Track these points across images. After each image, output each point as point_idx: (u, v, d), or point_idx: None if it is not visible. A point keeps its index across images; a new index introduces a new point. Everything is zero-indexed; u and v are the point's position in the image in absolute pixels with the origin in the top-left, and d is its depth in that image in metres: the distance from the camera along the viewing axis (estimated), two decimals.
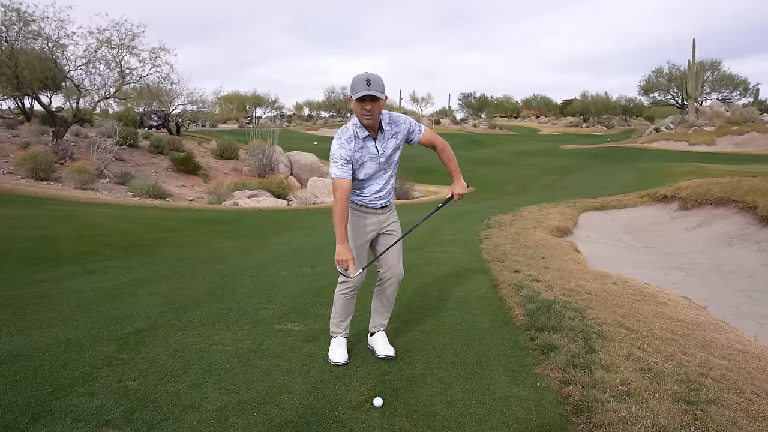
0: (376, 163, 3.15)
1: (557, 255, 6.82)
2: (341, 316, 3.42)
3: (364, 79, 2.88)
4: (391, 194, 3.39)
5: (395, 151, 3.21)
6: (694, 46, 41.99)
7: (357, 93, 2.89)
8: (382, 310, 3.49)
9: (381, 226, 3.36)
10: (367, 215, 3.32)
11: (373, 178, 3.22)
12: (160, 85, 25.97)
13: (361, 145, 3.09)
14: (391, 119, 3.17)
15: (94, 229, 9.01)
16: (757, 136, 36.28)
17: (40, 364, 3.17)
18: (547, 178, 26.06)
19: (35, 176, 16.72)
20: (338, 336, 3.44)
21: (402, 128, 3.20)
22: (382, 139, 3.13)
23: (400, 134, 3.21)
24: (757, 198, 10.03)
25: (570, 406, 2.72)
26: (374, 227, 3.33)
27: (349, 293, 3.37)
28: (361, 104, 2.92)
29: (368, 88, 2.86)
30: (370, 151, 3.12)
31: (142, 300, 4.66)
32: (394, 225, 3.43)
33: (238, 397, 2.82)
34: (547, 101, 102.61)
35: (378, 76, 2.93)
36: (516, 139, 53.48)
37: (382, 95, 2.93)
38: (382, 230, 3.39)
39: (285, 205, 17.49)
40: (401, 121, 3.22)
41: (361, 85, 2.88)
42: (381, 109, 3.03)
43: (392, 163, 3.26)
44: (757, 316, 5.59)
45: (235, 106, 65.15)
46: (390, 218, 3.41)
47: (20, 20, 19.71)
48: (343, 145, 3.05)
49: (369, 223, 3.31)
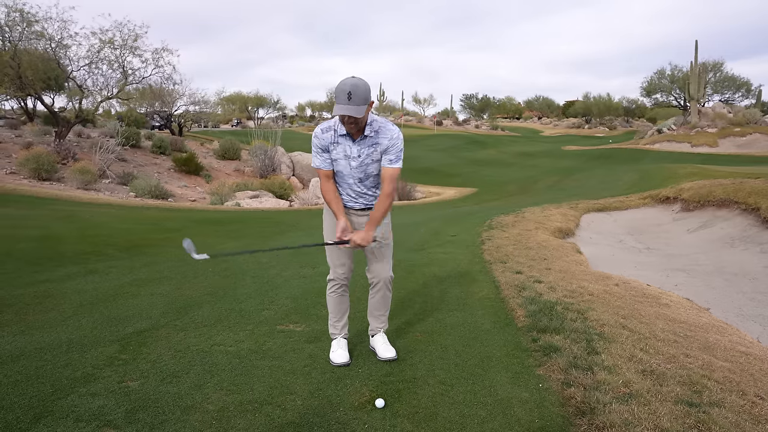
0: (348, 164, 3.08)
1: (559, 256, 6.81)
2: (335, 316, 3.41)
3: (346, 92, 2.77)
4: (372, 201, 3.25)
5: (374, 162, 3.08)
6: (696, 48, 41.93)
7: (337, 107, 2.81)
8: (376, 313, 3.47)
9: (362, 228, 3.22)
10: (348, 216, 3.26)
11: (345, 179, 3.16)
12: (162, 85, 26.02)
13: (337, 140, 3.05)
14: (380, 128, 3.05)
15: (97, 230, 9.03)
16: (759, 138, 36.21)
17: (41, 365, 3.17)
18: (549, 180, 26.03)
19: (38, 176, 16.76)
20: (337, 337, 3.43)
21: (383, 143, 3.05)
22: (361, 143, 3.04)
23: (380, 147, 3.06)
24: (760, 200, 10.00)
25: (572, 408, 2.72)
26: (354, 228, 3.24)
27: (337, 291, 3.36)
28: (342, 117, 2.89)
29: (348, 103, 2.77)
30: (345, 149, 3.07)
31: (144, 300, 4.66)
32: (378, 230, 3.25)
33: (240, 398, 2.82)
34: (550, 102, 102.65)
35: (362, 85, 2.81)
36: (518, 140, 53.47)
37: (362, 111, 2.82)
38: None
39: (287, 206, 17.51)
40: (387, 135, 3.06)
41: (342, 98, 2.78)
42: (365, 119, 2.95)
43: (370, 173, 3.13)
44: (760, 318, 5.57)
45: (237, 106, 65.18)
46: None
47: (23, 21, 19.76)
48: (317, 134, 3.08)
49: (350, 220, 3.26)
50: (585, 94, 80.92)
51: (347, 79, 2.82)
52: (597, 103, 75.86)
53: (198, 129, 48.44)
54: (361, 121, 2.93)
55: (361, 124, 2.96)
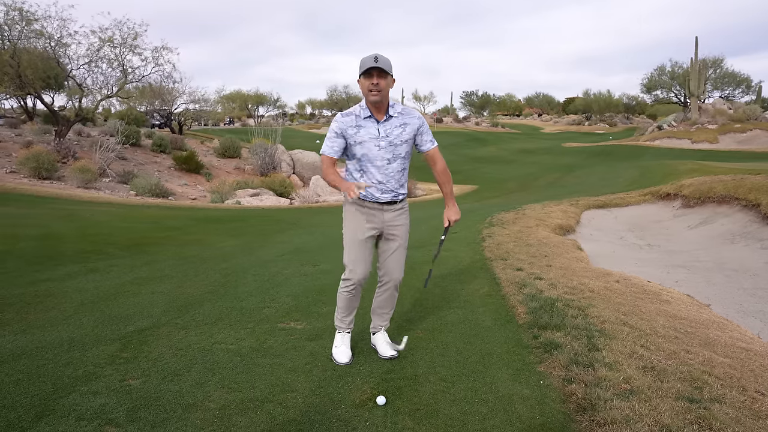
0: (376, 145, 3.04)
1: (560, 253, 6.81)
2: (345, 312, 3.35)
3: (372, 56, 2.88)
4: (401, 192, 3.20)
5: (403, 143, 3.09)
6: (696, 44, 41.85)
7: (364, 67, 2.88)
8: (380, 311, 3.42)
9: (385, 225, 3.20)
10: (368, 211, 3.17)
11: (373, 162, 3.07)
12: (162, 84, 26.01)
13: (360, 123, 3.03)
14: (404, 110, 3.12)
15: (97, 228, 9.03)
16: (760, 134, 36.19)
17: (43, 363, 3.18)
18: (550, 176, 26.02)
19: (38, 175, 16.77)
20: (343, 331, 3.39)
21: (413, 122, 3.12)
22: (386, 123, 3.05)
23: (409, 127, 3.11)
24: (760, 196, 9.99)
25: (573, 405, 2.72)
26: (376, 225, 3.19)
27: (351, 291, 3.27)
28: (368, 79, 2.90)
29: (376, 63, 2.85)
30: (369, 132, 3.04)
31: (145, 299, 4.67)
32: (399, 229, 3.26)
33: (241, 396, 2.82)
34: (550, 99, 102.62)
35: (387, 57, 2.92)
36: (518, 137, 53.43)
37: (390, 71, 2.91)
38: (387, 228, 3.23)
39: (287, 204, 17.51)
40: (415, 115, 3.15)
41: (369, 60, 2.87)
42: (389, 88, 2.98)
43: (398, 154, 3.10)
44: (761, 314, 5.57)
45: (238, 104, 65.14)
46: (397, 219, 3.23)
47: (23, 19, 19.75)
48: (338, 119, 3.05)
49: (369, 219, 3.17)
50: (585, 90, 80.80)
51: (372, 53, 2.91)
52: (597, 99, 75.77)
53: (198, 127, 48.41)
54: (385, 92, 2.95)
55: (386, 96, 2.97)
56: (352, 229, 3.19)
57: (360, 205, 3.19)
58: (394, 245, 3.24)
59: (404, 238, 3.29)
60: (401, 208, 3.26)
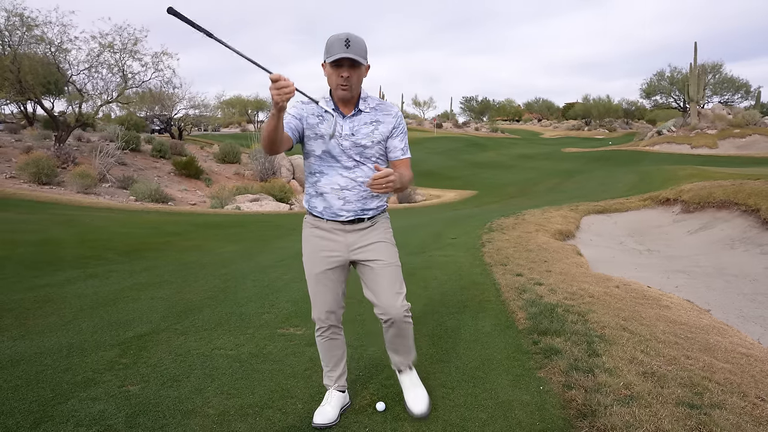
0: (339, 143, 2.42)
1: (559, 258, 6.81)
2: (327, 364, 2.74)
3: (342, 39, 2.25)
4: (369, 208, 2.52)
5: (374, 144, 2.45)
6: (695, 49, 42.00)
7: (332, 55, 2.27)
8: (394, 348, 2.70)
9: (350, 250, 2.53)
10: (324, 234, 2.53)
11: (331, 163, 2.46)
12: (162, 89, 26.04)
13: (323, 115, 2.43)
14: (378, 105, 2.50)
15: (97, 234, 9.03)
16: (759, 139, 36.28)
17: (42, 369, 3.17)
18: (549, 182, 26.04)
19: (37, 181, 16.77)
20: (330, 388, 2.76)
21: (387, 120, 2.48)
22: (354, 119, 2.43)
23: (383, 126, 2.48)
24: (760, 201, 10.01)
25: (573, 411, 2.71)
26: (337, 252, 2.53)
27: (325, 334, 2.68)
28: (337, 70, 2.31)
29: (347, 50, 2.24)
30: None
31: (145, 304, 4.66)
32: (376, 248, 2.53)
33: (240, 402, 2.81)
34: (549, 105, 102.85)
35: (360, 38, 2.31)
36: (518, 143, 53.50)
37: (363, 61, 2.32)
38: (354, 257, 2.54)
39: (287, 209, 17.51)
40: (391, 112, 2.52)
41: (339, 46, 2.25)
42: (361, 80, 2.39)
43: (368, 157, 2.46)
44: (761, 319, 5.56)
45: (237, 110, 65.22)
46: (366, 239, 2.53)
47: (23, 25, 19.81)
48: (296, 105, 2.48)
49: (327, 246, 2.53)
50: (585, 96, 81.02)
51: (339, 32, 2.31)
52: (597, 105, 75.93)
53: (198, 132, 48.45)
54: (357, 85, 2.38)
55: (356, 90, 2.40)
56: (306, 259, 2.60)
57: (314, 226, 2.57)
58: (377, 267, 2.53)
59: (388, 253, 2.56)
60: (371, 226, 2.55)
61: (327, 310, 2.62)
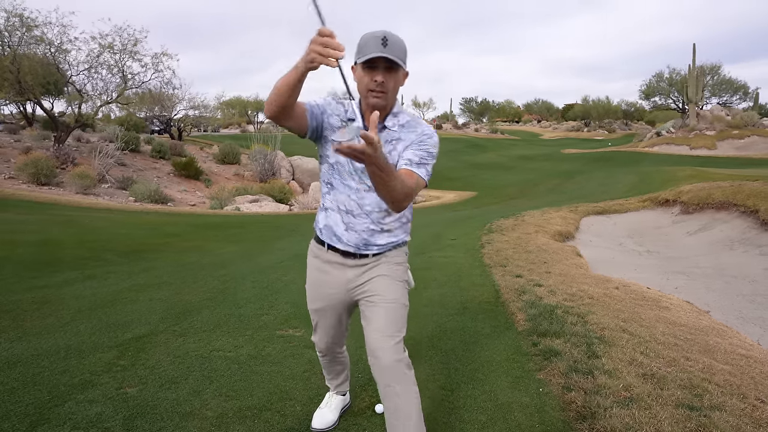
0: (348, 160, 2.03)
1: (559, 260, 6.80)
2: (328, 374, 2.63)
3: (378, 37, 1.84)
4: (377, 243, 2.12)
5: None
6: (694, 51, 42.08)
7: (365, 55, 1.85)
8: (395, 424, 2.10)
9: (348, 288, 2.18)
10: (325, 267, 2.22)
11: (344, 178, 2.07)
12: (162, 90, 26.04)
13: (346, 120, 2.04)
14: (408, 122, 2.06)
15: (95, 234, 9.01)
16: (757, 140, 36.32)
17: (39, 371, 3.16)
18: (549, 183, 26.04)
19: (36, 181, 16.75)
20: (330, 392, 2.69)
21: (408, 138, 2.02)
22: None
23: (401, 144, 2.02)
24: (759, 202, 10.01)
25: (573, 413, 2.70)
26: (336, 290, 2.21)
27: (326, 357, 2.51)
28: (371, 73, 1.89)
29: (383, 50, 1.83)
30: None
31: (143, 305, 4.65)
32: (374, 284, 2.13)
33: (239, 404, 2.80)
34: (549, 106, 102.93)
35: (400, 38, 1.89)
36: (517, 144, 53.51)
37: (402, 64, 1.90)
38: (354, 297, 2.19)
39: (287, 210, 17.50)
40: (417, 129, 2.04)
41: (374, 44, 1.84)
42: (398, 87, 1.97)
43: None
44: (760, 320, 5.56)
45: (237, 110, 65.24)
46: (366, 275, 2.14)
47: (23, 26, 19.80)
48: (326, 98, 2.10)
49: (328, 281, 2.22)
50: (584, 97, 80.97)
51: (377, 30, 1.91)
52: (596, 106, 75.92)
53: (198, 133, 48.43)
54: (393, 93, 1.96)
55: (392, 99, 1.98)
56: (307, 290, 2.36)
57: (315, 255, 2.29)
58: (372, 303, 2.12)
59: (389, 289, 2.13)
60: (376, 263, 2.15)
61: (328, 341, 2.41)
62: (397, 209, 1.88)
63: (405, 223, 2.20)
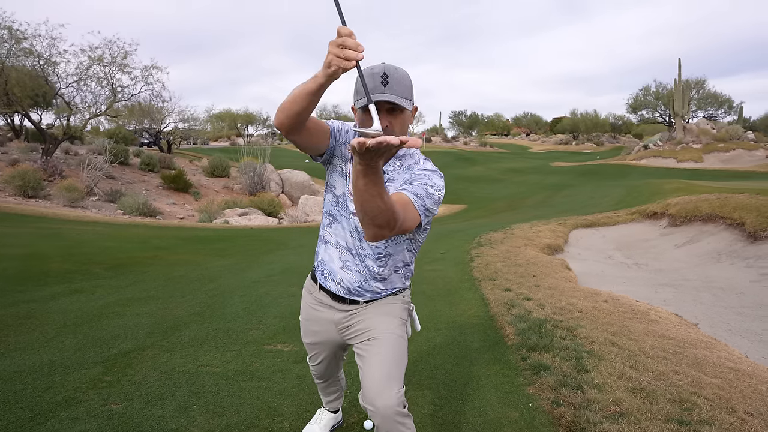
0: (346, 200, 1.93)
1: (548, 273, 6.82)
2: (320, 390, 2.58)
3: (378, 74, 1.68)
4: (370, 289, 1.98)
5: None
6: (679, 65, 42.69)
7: (364, 98, 1.66)
8: None
9: (339, 330, 2.08)
10: (316, 305, 2.13)
11: (347, 213, 1.93)
12: (151, 102, 26.00)
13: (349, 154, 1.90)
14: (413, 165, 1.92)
15: (83, 248, 8.91)
16: (742, 153, 36.89)
17: (21, 388, 3.10)
18: (538, 196, 26.19)
19: (23, 194, 16.57)
20: (321, 407, 2.68)
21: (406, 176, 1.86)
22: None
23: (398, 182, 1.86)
24: (745, 214, 10.13)
25: (562, 428, 2.70)
26: (326, 329, 2.12)
27: (319, 383, 2.49)
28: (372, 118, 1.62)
29: (384, 90, 1.67)
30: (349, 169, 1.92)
31: (130, 320, 4.59)
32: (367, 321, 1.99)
33: (226, 421, 2.76)
34: (537, 119, 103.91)
35: (402, 72, 1.74)
36: (506, 157, 53.85)
37: (407, 104, 1.74)
38: (347, 336, 2.07)
39: (276, 224, 17.43)
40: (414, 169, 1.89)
41: (373, 84, 1.67)
42: (406, 127, 1.81)
43: None
44: (747, 332, 5.59)
45: (227, 123, 65.16)
46: (362, 322, 2.01)
47: (12, 38, 19.70)
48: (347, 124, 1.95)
49: (318, 318, 2.14)
50: (573, 110, 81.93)
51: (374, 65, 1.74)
52: (584, 119, 76.74)
53: (187, 146, 48.29)
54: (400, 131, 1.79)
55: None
56: (300, 321, 2.29)
57: (309, 291, 2.20)
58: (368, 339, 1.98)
59: (385, 323, 1.99)
60: (367, 311, 2.03)
61: (322, 371, 2.37)
62: (373, 237, 1.56)
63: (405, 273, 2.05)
